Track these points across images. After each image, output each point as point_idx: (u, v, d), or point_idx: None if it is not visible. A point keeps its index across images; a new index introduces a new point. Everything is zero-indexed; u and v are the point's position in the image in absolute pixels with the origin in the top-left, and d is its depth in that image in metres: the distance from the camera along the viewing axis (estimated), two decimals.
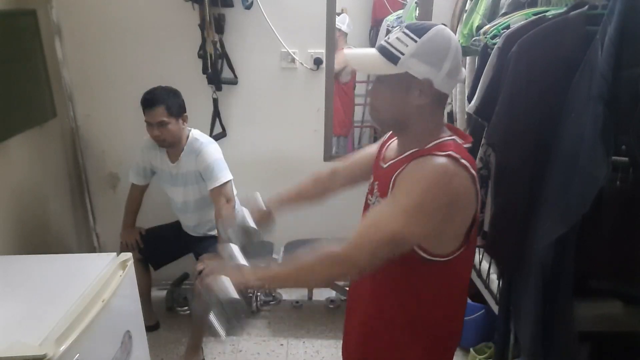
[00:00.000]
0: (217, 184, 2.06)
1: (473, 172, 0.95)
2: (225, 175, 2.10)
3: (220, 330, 1.01)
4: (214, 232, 2.33)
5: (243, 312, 1.01)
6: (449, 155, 0.93)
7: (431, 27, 0.96)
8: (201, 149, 2.10)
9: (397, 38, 0.96)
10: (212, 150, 2.12)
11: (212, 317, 1.01)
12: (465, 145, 1.01)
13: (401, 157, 1.03)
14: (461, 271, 1.09)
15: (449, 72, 0.95)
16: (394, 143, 1.12)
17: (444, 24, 0.99)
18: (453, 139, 1.00)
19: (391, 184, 0.99)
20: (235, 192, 2.20)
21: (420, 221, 0.92)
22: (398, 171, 0.99)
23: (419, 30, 0.95)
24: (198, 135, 2.16)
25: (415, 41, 0.94)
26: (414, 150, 1.00)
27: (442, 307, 1.08)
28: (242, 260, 1.15)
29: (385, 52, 0.97)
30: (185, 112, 2.09)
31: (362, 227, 0.96)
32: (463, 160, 0.94)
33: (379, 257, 0.95)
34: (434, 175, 0.92)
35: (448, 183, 0.92)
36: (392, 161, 1.05)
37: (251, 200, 1.35)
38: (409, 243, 0.95)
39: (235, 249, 1.17)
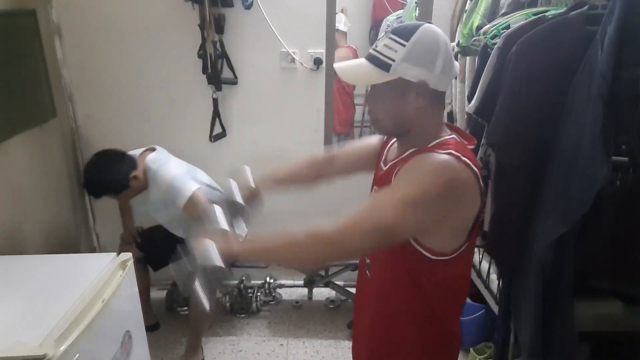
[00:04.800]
0: (184, 200, 1.97)
1: (475, 169, 0.94)
2: (188, 188, 1.99)
3: (205, 301, 0.96)
4: None
5: (225, 280, 0.96)
6: (450, 154, 0.93)
7: (417, 27, 0.95)
8: (155, 176, 2.04)
9: (385, 45, 0.96)
10: (165, 171, 2.04)
11: (197, 285, 0.96)
12: (469, 147, 1.00)
13: (402, 156, 1.02)
14: (464, 269, 1.09)
15: (442, 69, 0.95)
16: (394, 144, 1.11)
17: (429, 22, 0.98)
18: (453, 137, 1.00)
19: (392, 179, 0.98)
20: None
21: (417, 214, 0.90)
22: (398, 167, 0.98)
23: (405, 34, 0.94)
24: (151, 162, 2.08)
25: (404, 45, 0.93)
26: (414, 149, 1.00)
27: (447, 306, 1.08)
28: (224, 225, 1.09)
29: (375, 61, 0.96)
30: (130, 174, 2.01)
31: (357, 211, 0.92)
32: (464, 158, 0.93)
33: (368, 245, 0.94)
34: (435, 169, 0.91)
35: (449, 178, 0.90)
36: (392, 162, 1.05)
37: (240, 175, 1.29)
38: (401, 235, 0.93)
39: (219, 211, 1.11)
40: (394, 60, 0.94)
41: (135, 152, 2.14)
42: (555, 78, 1.27)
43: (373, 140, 1.22)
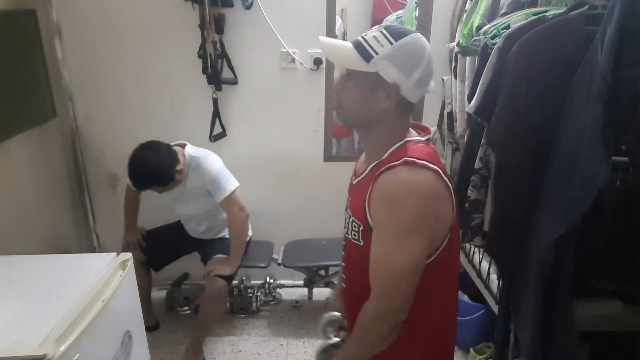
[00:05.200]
0: (225, 195, 2.05)
1: (434, 167, 0.94)
2: (231, 183, 2.09)
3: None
4: (222, 235, 2.34)
5: None
6: (404, 162, 0.94)
7: (409, 33, 0.96)
8: (200, 164, 2.08)
9: (374, 37, 0.96)
10: (211, 162, 2.10)
11: None
12: (424, 138, 1.02)
13: (365, 173, 1.04)
14: (450, 265, 1.08)
15: (418, 81, 0.96)
16: (362, 154, 1.13)
17: (422, 33, 0.99)
18: (410, 140, 1.01)
19: (366, 211, 0.99)
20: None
21: (416, 240, 0.93)
22: (367, 195, 0.99)
23: (396, 34, 0.95)
24: (193, 152, 2.13)
25: (391, 43, 0.94)
26: (375, 163, 1.01)
27: (437, 308, 1.08)
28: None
29: (360, 48, 0.97)
30: (175, 167, 2.03)
31: (376, 277, 0.97)
32: (420, 161, 0.94)
33: (409, 292, 0.96)
34: (401, 195, 0.93)
35: (414, 194, 0.93)
36: (359, 178, 1.06)
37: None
38: (422, 262, 0.96)
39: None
40: (377, 54, 0.95)
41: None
42: (555, 78, 1.27)
43: None
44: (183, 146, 2.17)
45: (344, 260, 1.17)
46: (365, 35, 0.99)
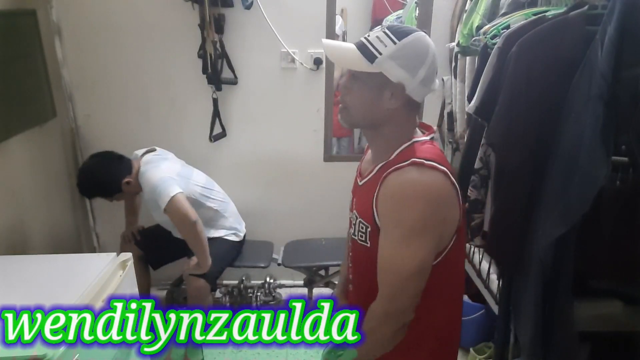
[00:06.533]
0: (165, 203, 1.96)
1: (442, 167, 0.95)
2: (169, 192, 1.96)
3: None
4: (209, 235, 2.32)
5: None
6: (412, 163, 0.94)
7: (412, 32, 0.96)
8: (142, 177, 2.04)
9: (377, 37, 0.96)
10: (152, 173, 2.03)
11: None
12: (428, 137, 1.02)
13: (373, 174, 1.03)
14: (457, 266, 1.09)
15: (423, 79, 0.96)
16: (368, 154, 1.12)
17: (424, 31, 0.99)
18: (417, 141, 1.00)
19: (374, 211, 0.99)
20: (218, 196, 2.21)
21: (424, 241, 0.93)
22: (374, 196, 0.99)
23: (399, 33, 0.95)
24: (144, 163, 2.08)
25: (395, 43, 0.94)
26: (382, 164, 1.01)
27: (444, 308, 1.08)
28: None
29: (364, 49, 0.97)
30: (123, 179, 2.02)
31: (383, 278, 0.98)
32: (428, 162, 0.94)
33: (416, 293, 0.97)
34: (409, 196, 0.93)
35: (423, 195, 0.93)
36: (366, 179, 1.06)
37: None
38: (430, 264, 0.96)
39: None
40: (381, 54, 0.95)
41: (138, 152, 2.15)
42: (555, 78, 1.27)
43: None
44: (153, 151, 2.15)
45: (351, 262, 1.17)
46: (368, 36, 0.98)
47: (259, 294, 2.63)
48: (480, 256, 1.88)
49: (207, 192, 2.21)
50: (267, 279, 2.69)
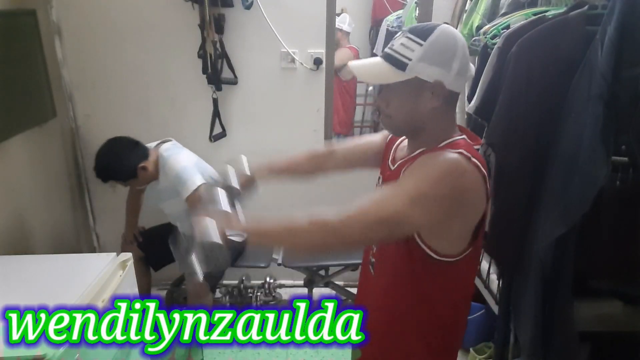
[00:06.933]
0: (190, 192, 1.97)
1: (484, 171, 0.94)
2: (193, 181, 1.98)
3: (199, 271, 0.96)
4: None
5: (223, 257, 0.96)
6: (460, 153, 0.92)
7: (435, 27, 0.94)
8: (165, 163, 2.05)
9: (402, 44, 0.95)
10: (175, 160, 2.05)
11: (193, 258, 0.97)
12: (475, 147, 1.00)
13: (411, 155, 1.02)
14: (468, 272, 1.08)
15: (458, 70, 0.94)
16: (403, 144, 1.10)
17: (447, 23, 0.98)
18: (464, 139, 1.00)
19: (401, 175, 0.98)
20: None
21: (424, 208, 0.89)
22: (407, 165, 0.98)
23: (423, 33, 0.94)
24: (164, 150, 2.10)
25: (421, 44, 0.93)
26: (424, 149, 1.00)
27: (449, 308, 1.08)
28: (225, 206, 1.10)
29: (392, 60, 0.96)
30: (139, 164, 2.01)
31: (363, 202, 0.91)
32: (474, 159, 0.93)
33: (371, 237, 0.94)
34: (446, 167, 0.91)
35: (459, 177, 0.90)
36: (401, 160, 1.04)
37: (237, 163, 1.29)
38: (406, 227, 0.93)
39: (221, 193, 1.12)
40: (410, 60, 0.94)
41: (150, 145, 2.15)
42: (555, 78, 1.27)
43: (376, 137, 1.22)
44: (168, 141, 2.16)
45: (377, 251, 1.13)
46: (392, 45, 0.97)
47: (259, 294, 2.63)
48: (481, 256, 1.89)
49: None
50: (267, 279, 2.69)
